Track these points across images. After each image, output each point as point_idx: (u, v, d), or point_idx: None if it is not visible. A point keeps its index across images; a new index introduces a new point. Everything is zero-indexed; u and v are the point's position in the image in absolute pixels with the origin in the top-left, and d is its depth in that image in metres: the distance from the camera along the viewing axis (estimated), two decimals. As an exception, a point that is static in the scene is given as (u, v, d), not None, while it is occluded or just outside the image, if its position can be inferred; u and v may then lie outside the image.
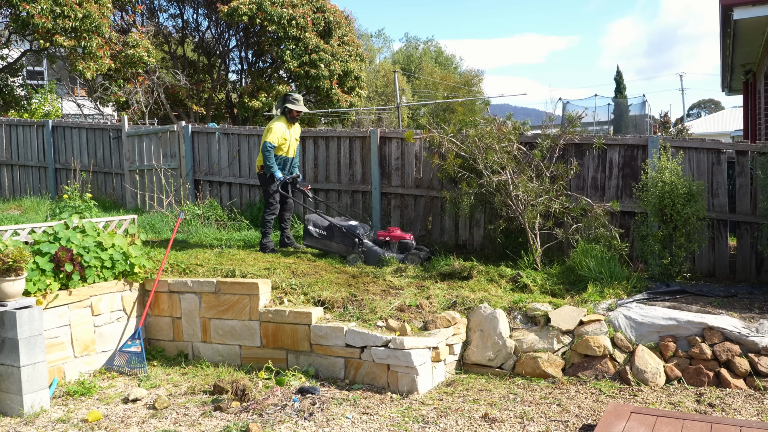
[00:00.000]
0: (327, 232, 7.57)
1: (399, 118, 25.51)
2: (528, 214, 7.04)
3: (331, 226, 7.53)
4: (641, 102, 21.43)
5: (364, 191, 8.95)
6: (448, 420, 4.71)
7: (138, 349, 6.03)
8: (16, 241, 5.72)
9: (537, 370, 5.58)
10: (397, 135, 8.72)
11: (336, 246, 7.53)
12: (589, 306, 5.91)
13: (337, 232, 7.49)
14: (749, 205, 7.08)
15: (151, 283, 6.52)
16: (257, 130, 9.85)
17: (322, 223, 7.62)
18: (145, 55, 16.83)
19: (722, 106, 47.85)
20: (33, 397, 5.04)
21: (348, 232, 7.44)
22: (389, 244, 7.49)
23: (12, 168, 12.43)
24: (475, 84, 42.97)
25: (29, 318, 5.02)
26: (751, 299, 6.20)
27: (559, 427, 4.56)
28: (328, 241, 7.57)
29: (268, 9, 18.23)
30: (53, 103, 17.73)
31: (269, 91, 19.78)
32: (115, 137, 11.30)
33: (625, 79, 38.52)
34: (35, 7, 13.80)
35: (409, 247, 7.47)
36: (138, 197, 10.78)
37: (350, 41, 20.75)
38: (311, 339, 5.78)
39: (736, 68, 11.63)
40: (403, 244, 7.47)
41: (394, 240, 7.49)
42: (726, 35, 8.97)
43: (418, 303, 6.06)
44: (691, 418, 4.33)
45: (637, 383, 5.32)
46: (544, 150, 7.43)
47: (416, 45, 47.71)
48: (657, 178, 6.75)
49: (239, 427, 4.61)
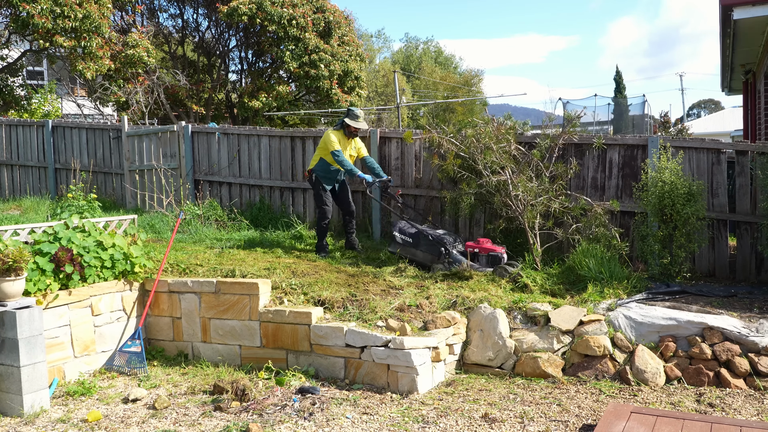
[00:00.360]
0: (413, 239, 7.21)
1: (399, 118, 25.49)
2: (528, 213, 7.04)
3: (418, 234, 7.18)
4: (641, 102, 21.42)
5: (364, 191, 8.94)
6: (448, 420, 4.71)
7: (138, 349, 6.03)
8: (16, 241, 5.72)
9: (537, 370, 5.58)
10: (397, 135, 8.72)
11: (421, 255, 7.14)
12: (589, 306, 5.92)
13: (424, 240, 7.12)
14: (749, 205, 7.08)
15: (151, 283, 6.52)
16: (257, 131, 9.84)
17: (408, 230, 7.30)
18: (145, 55, 16.83)
19: (722, 106, 47.87)
20: (33, 397, 5.04)
21: (434, 241, 7.05)
22: (478, 256, 7.05)
23: (12, 168, 12.43)
24: (475, 84, 42.96)
25: (29, 318, 5.02)
26: (751, 299, 6.21)
27: (559, 427, 4.56)
28: (414, 249, 7.20)
29: (268, 9, 18.24)
30: (53, 103, 17.74)
31: (269, 91, 19.78)
32: (115, 137, 11.30)
33: (625, 79, 38.55)
34: (35, 7, 13.81)
35: (499, 260, 6.97)
36: (138, 197, 10.78)
37: (350, 41, 20.75)
38: (311, 339, 5.78)
39: (736, 68, 11.63)
40: (493, 257, 6.99)
41: (483, 252, 7.05)
42: (726, 35, 8.97)
43: (418, 303, 6.06)
44: (691, 418, 4.33)
45: (637, 383, 5.32)
46: (543, 150, 7.43)
47: (416, 45, 47.71)
48: (657, 177, 6.75)
49: (239, 427, 4.61)
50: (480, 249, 7.06)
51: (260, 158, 9.74)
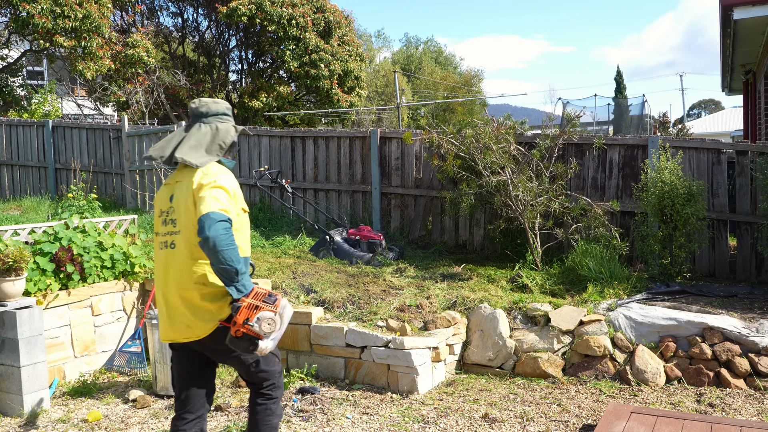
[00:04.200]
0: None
1: (399, 118, 25.51)
2: (528, 214, 7.04)
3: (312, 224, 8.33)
4: (641, 102, 21.39)
5: (364, 191, 8.95)
6: (448, 420, 4.71)
7: (138, 349, 6.03)
8: (16, 241, 5.72)
9: (537, 370, 5.58)
10: (397, 135, 8.73)
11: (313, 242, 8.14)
12: (589, 306, 5.92)
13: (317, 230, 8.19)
14: (749, 205, 7.08)
15: (151, 283, 6.51)
16: (257, 130, 9.85)
17: None
18: (145, 55, 16.82)
19: (722, 106, 47.85)
20: (33, 397, 5.04)
21: (320, 230, 8.07)
22: (359, 243, 7.81)
23: (12, 168, 12.42)
24: (475, 84, 42.95)
25: (29, 318, 5.02)
26: (752, 299, 6.21)
27: (559, 427, 4.56)
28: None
29: (267, 9, 18.23)
30: (53, 103, 17.71)
31: (269, 92, 19.77)
32: (115, 137, 11.30)
33: (625, 79, 38.52)
34: (35, 7, 13.80)
35: (377, 246, 7.72)
36: (138, 197, 10.78)
37: (350, 41, 20.74)
38: (311, 339, 5.78)
39: (736, 68, 11.63)
40: (372, 244, 7.76)
41: (363, 239, 7.80)
42: (726, 35, 8.97)
43: (418, 303, 6.06)
44: (691, 418, 4.33)
45: (637, 383, 5.32)
46: (543, 150, 7.43)
47: (416, 45, 47.70)
48: (657, 178, 6.75)
49: (239, 427, 4.61)
50: (361, 236, 7.84)
51: (260, 158, 9.74)
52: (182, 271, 3.17)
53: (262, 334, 2.90)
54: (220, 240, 2.91)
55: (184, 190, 3.19)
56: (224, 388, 5.48)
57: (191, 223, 3.12)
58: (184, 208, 3.18)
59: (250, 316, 2.89)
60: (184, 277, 3.16)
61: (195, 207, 3.10)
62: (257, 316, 2.89)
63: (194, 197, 3.12)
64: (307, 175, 9.39)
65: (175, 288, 3.19)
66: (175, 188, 3.27)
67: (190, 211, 3.14)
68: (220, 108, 3.41)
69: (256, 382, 3.34)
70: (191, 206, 3.14)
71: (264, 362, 3.28)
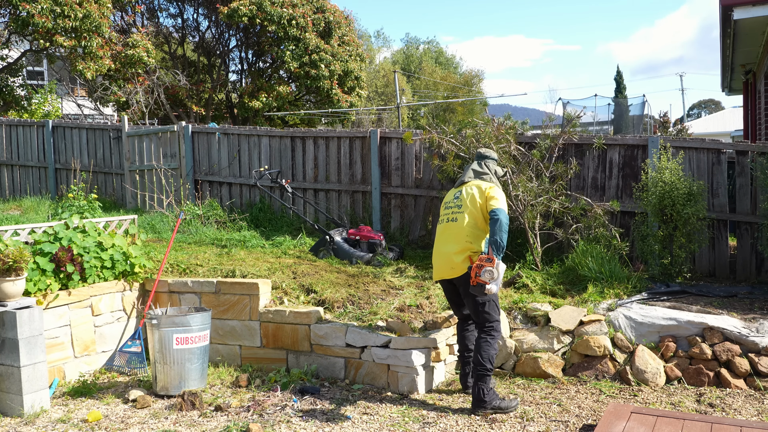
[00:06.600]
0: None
1: (399, 118, 25.52)
2: (528, 214, 7.04)
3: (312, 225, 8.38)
4: (641, 102, 21.38)
5: (364, 191, 8.95)
6: (448, 420, 4.71)
7: (138, 349, 6.03)
8: (16, 241, 5.72)
9: (537, 370, 5.58)
10: (397, 135, 8.73)
11: (314, 242, 8.14)
12: (590, 306, 5.91)
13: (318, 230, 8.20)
14: (749, 205, 7.08)
15: (151, 283, 6.52)
16: (257, 131, 9.85)
17: None
18: (145, 55, 16.83)
19: (722, 106, 47.85)
20: (33, 398, 5.04)
21: (320, 230, 8.06)
22: (359, 243, 7.79)
23: (12, 168, 12.43)
24: (476, 84, 42.96)
25: (29, 318, 5.02)
26: (752, 299, 6.20)
27: (559, 427, 4.56)
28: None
29: (268, 9, 18.24)
30: (53, 104, 17.73)
31: (269, 92, 19.78)
32: (115, 137, 11.30)
33: (625, 79, 38.52)
34: (35, 7, 13.81)
35: (377, 246, 7.70)
36: (138, 197, 10.78)
37: (350, 41, 20.76)
38: (311, 339, 5.78)
39: (736, 68, 11.63)
40: (372, 244, 7.74)
41: (363, 239, 7.78)
42: (726, 35, 8.97)
43: (418, 303, 6.06)
44: (691, 418, 4.33)
45: (638, 383, 5.32)
46: (543, 150, 7.43)
47: (416, 45, 47.72)
48: (657, 178, 6.75)
49: (239, 427, 4.61)
50: (361, 236, 7.80)
51: (260, 158, 9.74)
52: (458, 236, 4.90)
53: (486, 281, 4.51)
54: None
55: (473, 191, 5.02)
56: (224, 388, 5.49)
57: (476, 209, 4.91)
58: (470, 200, 4.95)
59: (478, 271, 4.54)
60: (460, 238, 4.89)
61: (485, 201, 4.87)
62: (484, 270, 4.52)
63: (486, 196, 4.90)
64: (307, 175, 9.39)
65: (451, 245, 4.91)
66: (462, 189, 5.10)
67: (476, 202, 4.92)
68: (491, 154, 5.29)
69: (481, 322, 4.85)
70: (476, 200, 4.92)
71: (488, 306, 4.80)
